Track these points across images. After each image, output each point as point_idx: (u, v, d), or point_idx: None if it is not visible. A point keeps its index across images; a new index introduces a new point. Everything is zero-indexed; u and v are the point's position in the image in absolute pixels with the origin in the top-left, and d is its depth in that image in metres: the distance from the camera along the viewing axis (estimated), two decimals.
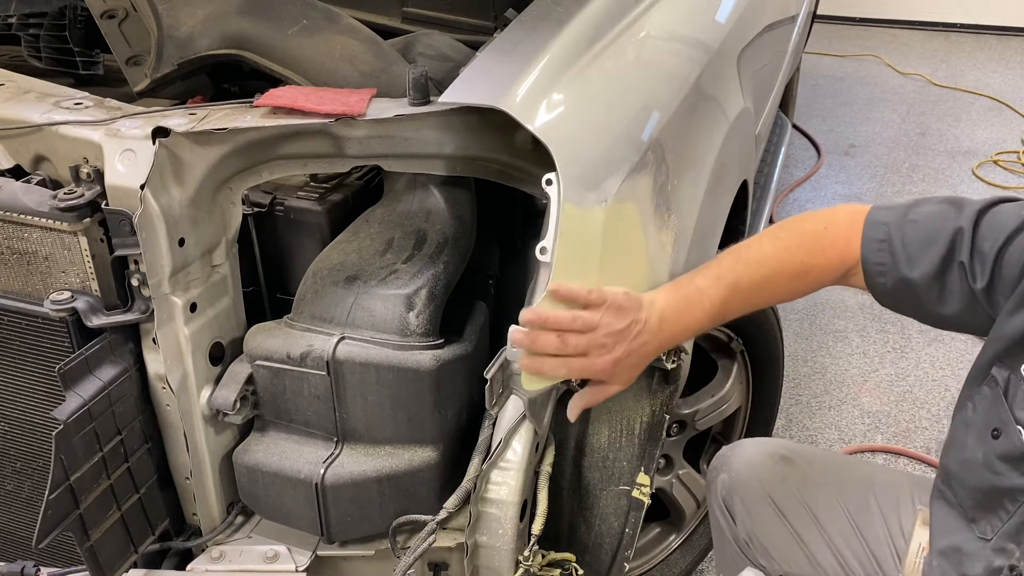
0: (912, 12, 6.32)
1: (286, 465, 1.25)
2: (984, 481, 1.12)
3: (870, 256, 1.16)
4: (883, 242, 1.15)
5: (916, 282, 1.14)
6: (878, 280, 1.17)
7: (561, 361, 1.11)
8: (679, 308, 1.17)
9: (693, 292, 1.18)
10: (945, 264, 1.12)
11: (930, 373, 2.84)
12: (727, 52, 1.77)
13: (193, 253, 1.23)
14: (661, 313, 1.15)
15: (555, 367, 1.11)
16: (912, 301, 1.17)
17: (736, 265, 1.19)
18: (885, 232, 1.16)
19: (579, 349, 1.10)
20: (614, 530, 1.42)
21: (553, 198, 1.10)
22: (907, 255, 1.14)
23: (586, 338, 1.10)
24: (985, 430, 1.12)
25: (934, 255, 1.12)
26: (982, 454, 1.12)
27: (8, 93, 1.30)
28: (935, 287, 1.13)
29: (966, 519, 1.17)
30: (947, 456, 1.21)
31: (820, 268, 1.18)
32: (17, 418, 1.32)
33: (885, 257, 1.15)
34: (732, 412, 1.94)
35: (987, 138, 4.54)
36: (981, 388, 1.15)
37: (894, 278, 1.15)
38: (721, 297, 1.17)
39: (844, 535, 1.40)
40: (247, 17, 1.48)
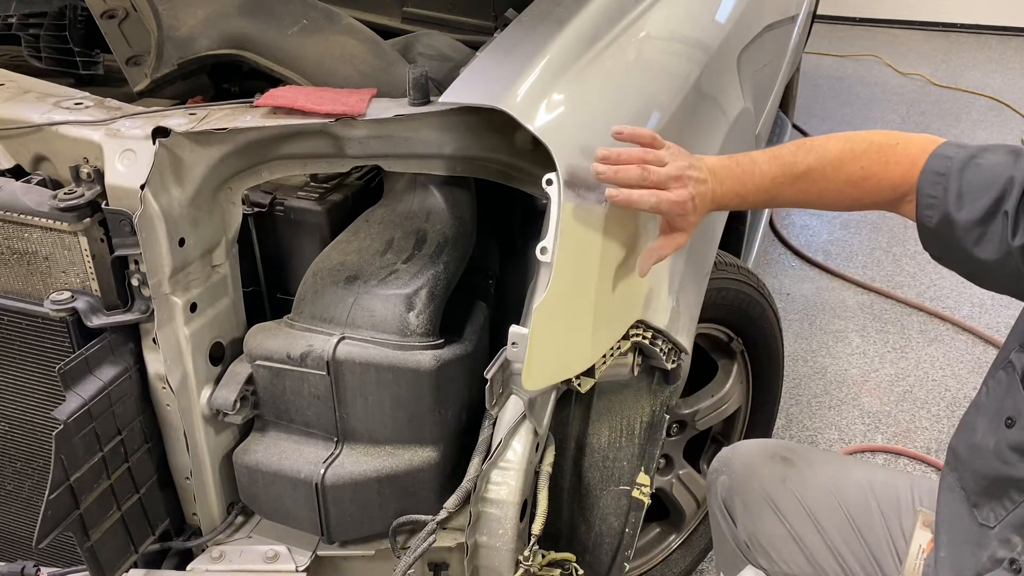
0: (912, 12, 6.32)
1: (286, 465, 1.25)
2: (993, 469, 1.11)
3: (925, 187, 1.13)
4: (941, 176, 1.13)
5: (959, 223, 1.11)
6: (925, 213, 1.14)
7: (649, 192, 1.10)
8: (730, 169, 1.17)
9: (746, 161, 1.18)
10: (991, 211, 1.09)
11: (930, 373, 2.84)
12: (727, 52, 1.77)
13: (193, 253, 1.23)
14: (712, 168, 1.16)
15: (645, 197, 1.10)
16: (951, 242, 1.13)
17: (797, 151, 1.18)
18: (946, 167, 1.12)
19: (660, 180, 1.10)
20: (614, 530, 1.42)
21: (553, 198, 1.10)
22: (959, 195, 1.10)
23: (663, 170, 1.10)
24: (998, 417, 1.11)
25: (983, 201, 1.09)
26: (994, 442, 1.11)
27: (8, 93, 1.30)
28: (976, 231, 1.10)
29: (968, 503, 1.16)
30: (956, 439, 1.20)
31: (878, 180, 1.16)
32: (17, 418, 1.32)
33: (939, 191, 1.12)
34: (732, 412, 1.94)
35: (987, 138, 4.53)
36: (997, 372, 1.14)
37: (940, 214, 1.12)
38: (773, 174, 1.16)
39: (844, 536, 1.40)
40: (247, 17, 1.48)
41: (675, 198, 1.11)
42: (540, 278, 1.13)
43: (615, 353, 1.25)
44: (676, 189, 1.11)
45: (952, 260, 1.17)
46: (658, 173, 1.10)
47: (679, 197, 1.11)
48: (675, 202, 1.11)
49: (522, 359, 1.11)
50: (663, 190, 1.11)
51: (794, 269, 3.44)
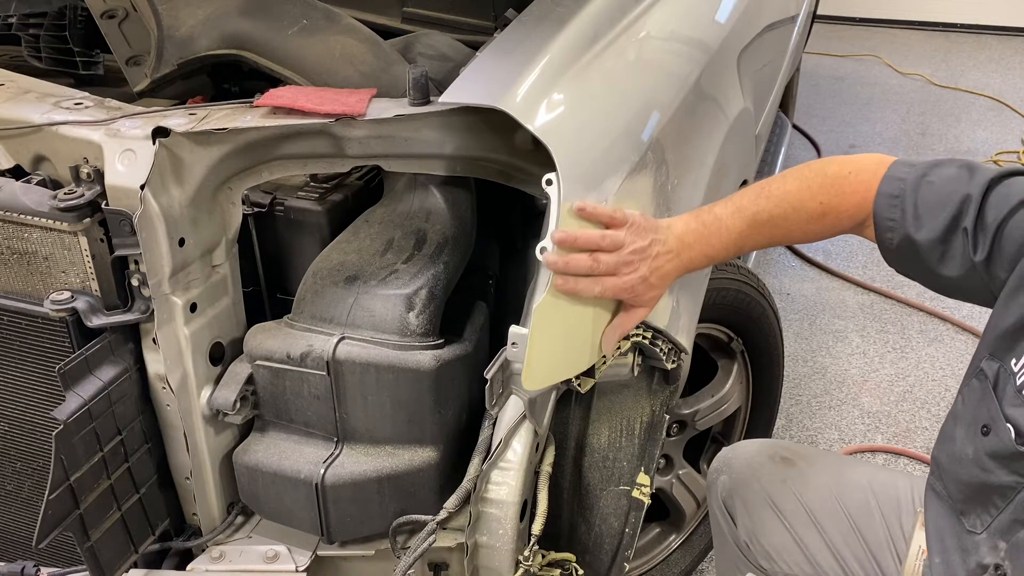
0: (912, 12, 6.32)
1: (286, 465, 1.25)
2: (974, 477, 1.12)
3: (881, 211, 1.16)
4: (896, 198, 1.15)
5: (920, 243, 1.14)
6: (886, 236, 1.17)
7: (594, 280, 1.12)
8: (697, 232, 1.19)
9: (711, 219, 1.20)
10: (950, 229, 1.12)
11: (930, 373, 2.84)
12: (727, 52, 1.77)
13: (193, 253, 1.23)
14: (679, 236, 1.18)
15: (588, 286, 1.12)
16: (916, 261, 1.17)
17: (757, 199, 1.20)
18: (900, 188, 1.15)
19: (609, 268, 1.12)
20: (614, 530, 1.42)
21: (553, 198, 1.10)
22: (916, 215, 1.14)
23: (615, 256, 1.13)
24: (974, 425, 1.12)
25: (941, 220, 1.12)
26: (972, 450, 1.12)
27: (8, 93, 1.30)
28: (938, 250, 1.13)
29: (955, 511, 1.17)
30: (938, 449, 1.21)
31: (838, 212, 1.18)
32: (17, 418, 1.32)
33: (896, 213, 1.15)
34: (732, 412, 1.94)
35: (987, 138, 4.54)
36: (971, 382, 1.15)
37: (900, 235, 1.15)
38: (739, 228, 1.19)
39: (844, 537, 1.39)
40: (247, 17, 1.48)
41: (622, 284, 1.14)
42: (540, 278, 1.13)
43: (615, 353, 1.25)
44: (626, 275, 1.14)
45: (919, 277, 1.20)
46: (607, 262, 1.12)
47: (626, 283, 1.14)
48: (622, 288, 1.14)
49: (522, 359, 1.11)
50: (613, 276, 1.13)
51: (794, 269, 3.44)
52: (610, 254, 1.13)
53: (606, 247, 1.12)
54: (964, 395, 1.16)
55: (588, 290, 1.13)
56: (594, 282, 1.12)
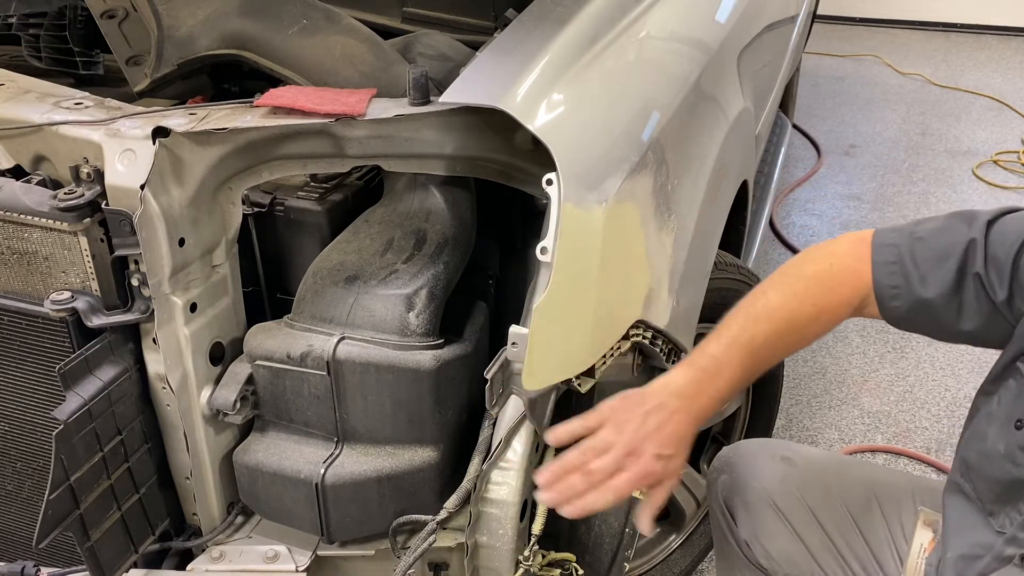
0: (912, 12, 6.32)
1: (286, 465, 1.25)
2: (1005, 473, 1.11)
3: (883, 280, 1.13)
4: (894, 264, 1.13)
5: (933, 301, 1.11)
6: (892, 304, 1.14)
7: (604, 487, 1.04)
8: (698, 381, 1.11)
9: (708, 363, 1.12)
10: (960, 278, 1.10)
11: (930, 373, 2.84)
12: (727, 52, 1.77)
13: (193, 253, 1.23)
14: (679, 391, 1.09)
15: (599, 497, 1.04)
16: (930, 321, 1.14)
17: (747, 324, 1.15)
18: (895, 254, 1.13)
19: (607, 471, 1.04)
20: (614, 530, 1.42)
21: (553, 198, 1.10)
22: (920, 274, 1.11)
23: (609, 457, 1.04)
24: (1008, 422, 1.11)
25: (948, 271, 1.10)
26: (1004, 445, 1.11)
27: (8, 93, 1.30)
28: (953, 303, 1.11)
29: (984, 513, 1.16)
30: (967, 449, 1.20)
31: (832, 308, 1.15)
32: (17, 418, 1.32)
33: (898, 280, 1.12)
34: (732, 412, 1.94)
35: (987, 138, 4.54)
36: (1007, 382, 1.13)
37: (909, 300, 1.13)
38: (739, 360, 1.12)
39: (845, 536, 1.39)
40: (247, 17, 1.48)
41: (636, 475, 1.04)
42: (540, 278, 1.13)
43: (615, 353, 1.24)
44: (632, 465, 1.04)
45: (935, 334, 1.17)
46: (602, 467, 1.04)
47: (640, 471, 1.04)
48: (638, 479, 1.05)
49: (522, 359, 1.11)
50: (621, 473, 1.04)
51: None
52: (603, 457, 1.04)
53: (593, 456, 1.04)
54: (1000, 395, 1.14)
55: (601, 501, 1.03)
56: (605, 489, 1.03)
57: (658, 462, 1.06)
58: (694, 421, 1.10)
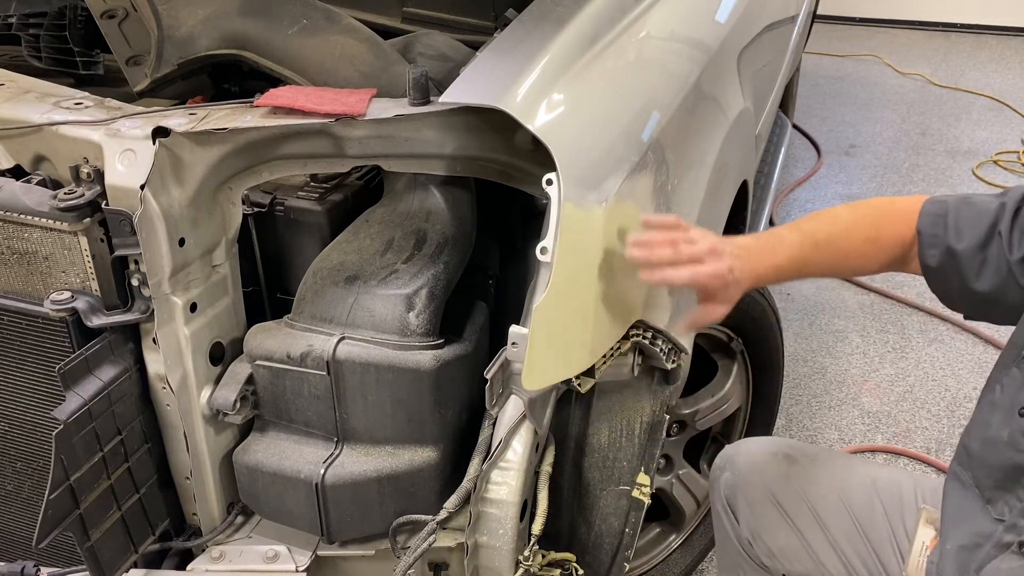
0: (912, 12, 6.33)
1: (286, 465, 1.25)
2: (1007, 460, 1.13)
3: (926, 228, 1.23)
4: (939, 216, 1.22)
5: (961, 254, 1.20)
6: (929, 252, 1.23)
7: (682, 266, 1.13)
8: (759, 245, 1.21)
9: (771, 237, 1.23)
10: (988, 236, 1.18)
11: (930, 373, 2.84)
12: (727, 52, 1.77)
13: (193, 253, 1.23)
14: (743, 245, 1.19)
15: (677, 273, 1.13)
16: (954, 275, 1.22)
17: (812, 221, 1.26)
18: (943, 208, 1.23)
19: (692, 255, 1.13)
20: (614, 530, 1.42)
21: (553, 198, 1.10)
22: (957, 228, 1.20)
23: (695, 246, 1.14)
24: (1012, 409, 1.14)
25: (980, 228, 1.19)
26: (1007, 433, 1.13)
27: (8, 93, 1.30)
28: (977, 259, 1.19)
29: (983, 500, 1.17)
30: (969, 436, 1.22)
31: (887, 237, 1.25)
32: (17, 418, 1.32)
33: (939, 228, 1.22)
34: (732, 412, 1.94)
35: (987, 138, 4.54)
36: (1011, 370, 1.16)
37: (942, 249, 1.21)
38: (799, 243, 1.22)
39: (847, 534, 1.40)
40: (247, 17, 1.48)
41: (711, 270, 1.14)
42: (540, 278, 1.13)
43: (615, 353, 1.25)
44: (712, 262, 1.14)
45: (955, 295, 1.25)
46: (691, 249, 1.13)
47: (716, 269, 1.14)
48: (711, 274, 1.14)
49: (522, 359, 1.11)
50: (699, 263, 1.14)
51: None
52: (691, 244, 1.14)
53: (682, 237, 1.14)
54: (1004, 384, 1.17)
55: (677, 276, 1.13)
56: (684, 268, 1.13)
57: (729, 274, 1.15)
58: (753, 273, 1.19)
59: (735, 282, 1.17)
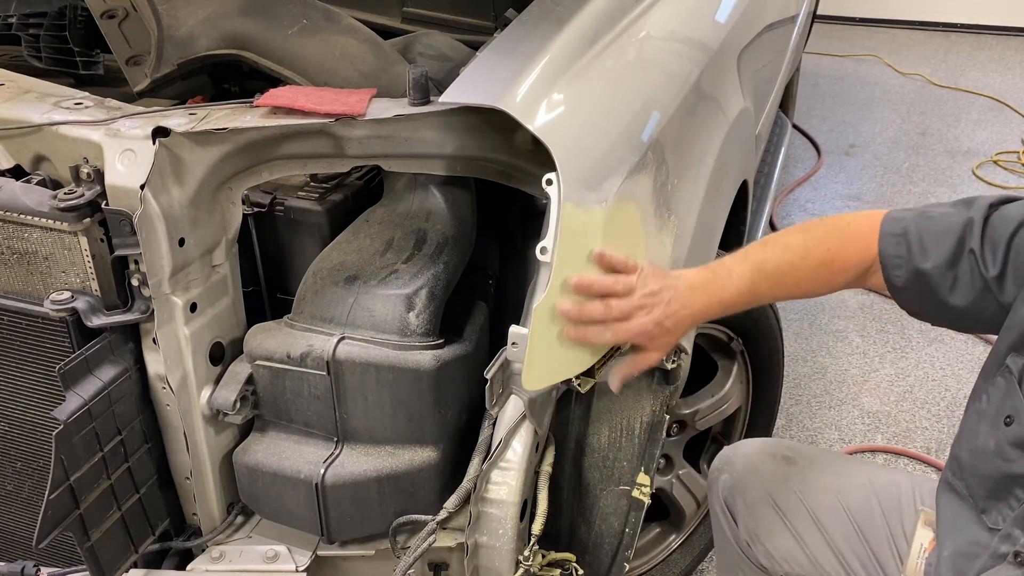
0: (912, 12, 6.32)
1: (286, 465, 1.25)
2: (995, 469, 1.12)
3: (888, 249, 1.20)
4: (900, 236, 1.20)
5: (929, 272, 1.17)
6: (894, 273, 1.21)
7: (605, 326, 1.14)
8: (707, 281, 1.20)
9: (720, 269, 1.22)
10: (957, 253, 1.16)
11: (930, 373, 2.84)
12: (727, 52, 1.77)
13: (193, 253, 1.23)
14: (689, 283, 1.19)
15: (599, 333, 1.14)
16: (926, 294, 1.20)
17: (764, 249, 1.24)
18: (902, 227, 1.20)
19: (622, 313, 1.13)
20: (614, 530, 1.42)
21: (553, 198, 1.10)
22: (922, 247, 1.18)
23: (626, 301, 1.14)
24: (998, 418, 1.13)
25: (947, 245, 1.16)
26: (994, 442, 1.13)
27: (8, 93, 1.30)
28: (948, 276, 1.17)
29: (976, 510, 1.17)
30: (958, 447, 1.22)
31: (843, 259, 1.22)
32: (17, 418, 1.32)
33: (902, 250, 1.19)
34: (732, 412, 1.94)
35: (987, 138, 4.54)
36: (995, 379, 1.16)
37: (909, 270, 1.19)
38: (749, 276, 1.21)
39: (846, 536, 1.40)
40: (247, 17, 1.48)
41: (635, 328, 1.15)
42: (540, 278, 1.13)
43: (615, 353, 1.25)
44: (639, 319, 1.14)
45: (929, 312, 1.24)
46: (619, 308, 1.13)
47: (640, 326, 1.15)
48: (635, 332, 1.15)
49: (522, 359, 1.11)
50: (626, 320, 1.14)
51: None
52: (622, 299, 1.14)
53: (619, 292, 1.14)
54: (989, 393, 1.17)
55: (599, 337, 1.14)
56: (605, 328, 1.14)
57: (657, 329, 1.16)
58: (696, 315, 1.20)
59: (666, 331, 1.17)
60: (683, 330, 1.20)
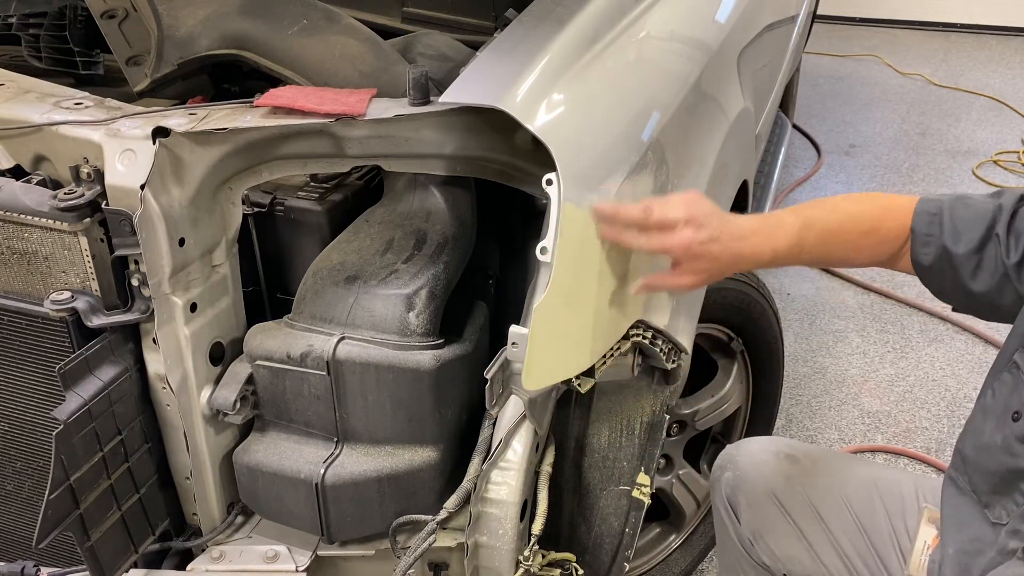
0: (912, 12, 6.33)
1: (286, 465, 1.25)
2: (1001, 464, 1.13)
3: (920, 227, 1.21)
4: (934, 215, 1.21)
5: (957, 255, 1.19)
6: (922, 251, 1.21)
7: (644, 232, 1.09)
8: (757, 225, 1.17)
9: (771, 217, 1.20)
10: (985, 238, 1.17)
11: (930, 373, 2.84)
12: (727, 52, 1.77)
13: (193, 253, 1.23)
14: (740, 224, 1.15)
15: (636, 237, 1.09)
16: (949, 275, 1.21)
17: (813, 208, 1.23)
18: (938, 207, 1.21)
19: (664, 221, 1.08)
20: (614, 530, 1.42)
21: (553, 198, 1.10)
22: (954, 229, 1.19)
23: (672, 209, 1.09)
24: (1005, 414, 1.13)
25: (977, 231, 1.18)
26: (1001, 438, 1.13)
27: (8, 93, 1.30)
28: (973, 260, 1.18)
29: (980, 504, 1.17)
30: (963, 442, 1.22)
31: (885, 230, 1.23)
32: (17, 418, 1.32)
33: (934, 229, 1.20)
34: (732, 412, 1.94)
35: (987, 138, 4.54)
36: (1002, 375, 1.16)
37: (937, 248, 1.20)
38: (798, 228, 1.18)
39: (849, 534, 1.40)
40: (247, 17, 1.48)
41: (678, 240, 1.08)
42: (540, 278, 1.13)
43: (615, 353, 1.25)
44: (684, 231, 1.08)
45: (950, 293, 1.24)
46: (662, 213, 1.08)
47: (685, 240, 1.08)
48: (677, 244, 1.09)
49: (522, 359, 1.11)
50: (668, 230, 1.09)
51: (794, 269, 3.44)
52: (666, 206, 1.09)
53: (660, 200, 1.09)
54: (995, 388, 1.17)
55: (636, 241, 1.09)
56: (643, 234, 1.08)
57: (701, 248, 1.09)
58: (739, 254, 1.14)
59: (711, 257, 1.11)
60: (726, 266, 1.14)
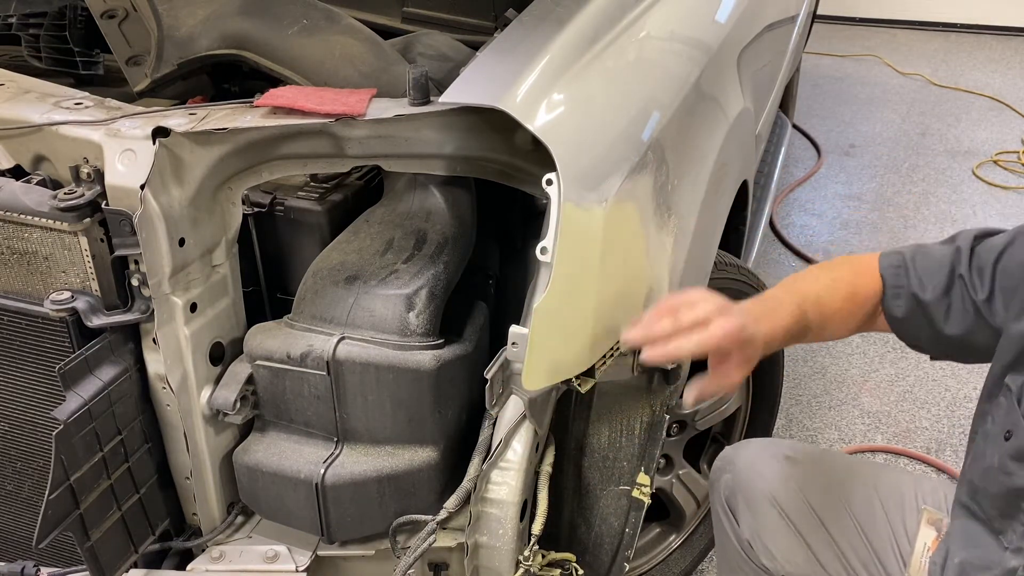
0: (912, 12, 6.32)
1: (286, 465, 1.25)
2: (1001, 485, 1.14)
3: (889, 280, 1.25)
4: (899, 267, 1.25)
5: (927, 302, 1.22)
6: (894, 303, 1.25)
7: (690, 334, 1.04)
8: (764, 309, 1.16)
9: (770, 300, 1.20)
10: (949, 282, 1.21)
11: (930, 373, 2.84)
12: (727, 52, 1.77)
13: (193, 253, 1.23)
14: (747, 307, 1.14)
15: (680, 344, 1.04)
16: (923, 323, 1.24)
17: (796, 283, 1.26)
18: (900, 259, 1.26)
19: (696, 320, 1.04)
20: (614, 530, 1.42)
21: (553, 198, 1.10)
22: (919, 277, 1.23)
23: (700, 308, 1.06)
24: (999, 436, 1.14)
25: (940, 275, 1.22)
26: (997, 458, 1.14)
27: (8, 93, 1.30)
28: (943, 304, 1.21)
29: (993, 531, 1.18)
30: (970, 471, 1.23)
31: (863, 291, 1.26)
32: (17, 418, 1.32)
33: (902, 279, 1.24)
34: (732, 412, 1.94)
35: (987, 138, 4.53)
36: (997, 399, 1.17)
37: (907, 299, 1.24)
38: (796, 303, 1.20)
39: (848, 536, 1.40)
40: (247, 17, 1.48)
41: (722, 331, 1.04)
42: (540, 278, 1.13)
43: (615, 353, 1.25)
44: (719, 320, 1.05)
45: (926, 342, 1.28)
46: (693, 313, 1.05)
47: (727, 328, 1.04)
48: (723, 335, 1.04)
49: (522, 359, 1.11)
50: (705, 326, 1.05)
51: (794, 269, 3.44)
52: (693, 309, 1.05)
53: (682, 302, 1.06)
54: (993, 414, 1.18)
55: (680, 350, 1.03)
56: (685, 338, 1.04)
57: (743, 333, 1.06)
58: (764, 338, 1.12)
59: (750, 340, 1.08)
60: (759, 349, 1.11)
